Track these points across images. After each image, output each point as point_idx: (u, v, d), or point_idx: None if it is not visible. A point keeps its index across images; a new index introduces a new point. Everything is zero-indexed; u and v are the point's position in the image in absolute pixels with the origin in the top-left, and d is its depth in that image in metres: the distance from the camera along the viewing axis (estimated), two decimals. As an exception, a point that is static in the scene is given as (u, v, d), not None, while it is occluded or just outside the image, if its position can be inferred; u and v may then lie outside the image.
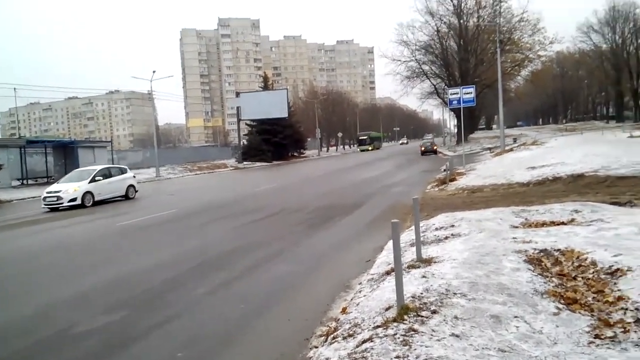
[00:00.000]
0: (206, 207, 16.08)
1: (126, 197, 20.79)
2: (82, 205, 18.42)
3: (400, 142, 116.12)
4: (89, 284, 7.14)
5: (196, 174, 43.05)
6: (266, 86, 66.47)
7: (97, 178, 19.45)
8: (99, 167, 21.05)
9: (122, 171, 21.76)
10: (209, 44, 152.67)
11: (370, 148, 75.27)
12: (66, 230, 13.60)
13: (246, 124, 61.75)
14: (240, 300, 5.94)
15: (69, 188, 18.61)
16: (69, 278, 7.72)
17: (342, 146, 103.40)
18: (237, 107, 58.93)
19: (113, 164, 40.04)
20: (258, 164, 53.09)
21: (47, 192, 18.78)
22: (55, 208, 18.30)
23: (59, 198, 18.26)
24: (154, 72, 44.02)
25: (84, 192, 18.69)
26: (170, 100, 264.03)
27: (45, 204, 18.48)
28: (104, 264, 8.50)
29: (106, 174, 20.30)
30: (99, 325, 5.36)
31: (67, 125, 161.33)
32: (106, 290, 6.77)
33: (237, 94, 63.32)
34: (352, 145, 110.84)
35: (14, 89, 55.70)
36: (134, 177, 22.31)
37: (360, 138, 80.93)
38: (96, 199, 19.18)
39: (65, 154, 34.97)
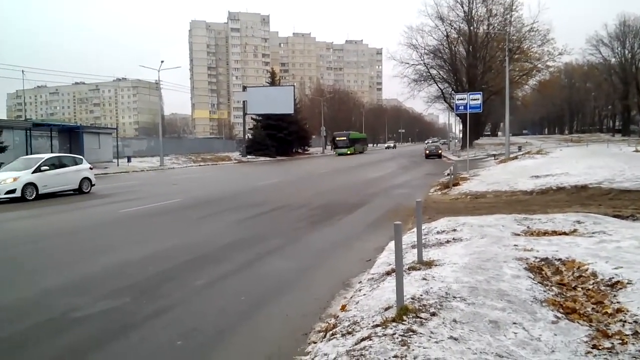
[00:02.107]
0: (208, 199, 16.12)
1: (79, 190, 18.56)
2: (22, 199, 16.19)
3: (387, 145, 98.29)
4: (85, 272, 7.18)
5: (200, 165, 43.13)
6: (273, 82, 66.54)
7: (42, 168, 17.15)
8: (47, 156, 18.89)
9: (77, 161, 19.30)
10: (218, 37, 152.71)
11: (348, 152, 61.45)
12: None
13: (252, 118, 61.89)
14: (238, 293, 5.96)
15: (7, 178, 16.34)
16: (67, 264, 7.77)
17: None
18: (244, 101, 59.11)
19: (118, 151, 40.37)
20: (262, 158, 53.22)
21: None
22: None
23: None
24: (162, 62, 44.20)
25: (25, 183, 16.42)
26: (177, 91, 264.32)
27: None
28: (105, 252, 8.55)
29: (55, 163, 18.06)
30: (97, 311, 5.40)
31: (73, 110, 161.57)
32: (105, 278, 6.81)
33: (244, 88, 63.51)
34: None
35: (22, 71, 55.76)
36: (91, 168, 19.96)
37: (337, 139, 64.21)
38: (41, 191, 16.91)
39: (71, 139, 35.15)
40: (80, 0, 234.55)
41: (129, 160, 41.38)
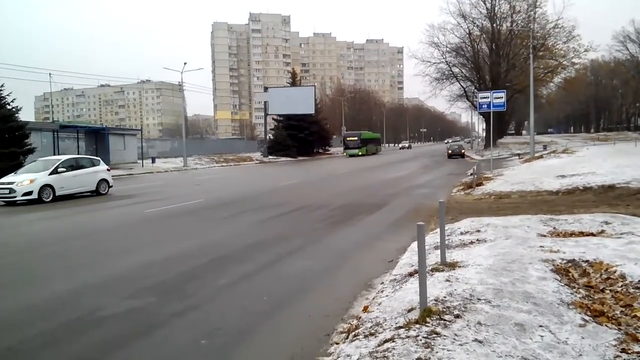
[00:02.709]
0: (231, 199, 16.27)
1: (97, 192, 18.45)
2: (39, 200, 16.18)
3: (401, 145, 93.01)
4: (111, 271, 7.33)
5: (222, 166, 43.56)
6: (294, 82, 66.81)
7: (59, 169, 17.15)
8: (64, 157, 18.75)
9: (94, 163, 19.24)
10: (239, 38, 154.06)
11: (360, 153, 57.82)
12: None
13: (273, 119, 62.20)
14: (260, 293, 5.99)
15: (24, 180, 16.31)
16: (93, 264, 7.94)
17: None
18: (265, 102, 59.49)
19: (142, 152, 41.06)
20: (283, 158, 53.44)
21: (0, 183, 16.56)
22: (11, 202, 16.03)
23: (11, 191, 15.99)
24: (185, 63, 44.87)
25: (42, 185, 16.38)
26: (200, 92, 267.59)
27: None
28: (130, 252, 8.71)
29: (73, 165, 18.08)
30: (123, 310, 5.50)
31: (99, 112, 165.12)
32: (130, 278, 6.94)
33: (266, 89, 63.83)
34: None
35: (49, 74, 57.44)
36: (109, 170, 19.82)
37: (347, 139, 60.88)
38: (58, 193, 16.86)
39: (97, 140, 35.95)
40: (105, 4, 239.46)
41: (153, 161, 42.05)
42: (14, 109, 26.53)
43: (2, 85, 26.40)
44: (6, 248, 9.25)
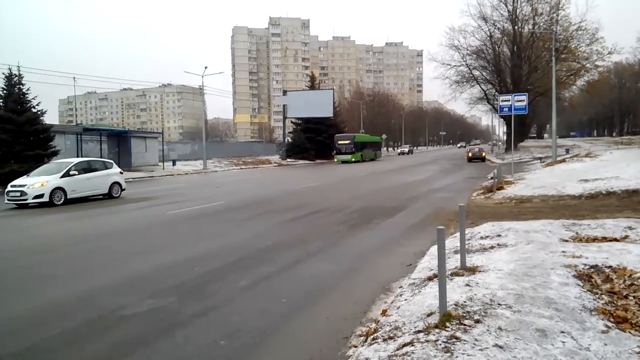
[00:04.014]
0: (250, 202, 16.38)
1: (109, 195, 18.39)
2: (50, 203, 16.13)
3: (400, 150, 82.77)
4: (133, 271, 7.45)
5: (241, 169, 43.89)
6: (313, 85, 66.97)
7: (71, 172, 17.10)
8: (76, 160, 18.70)
9: (107, 166, 19.16)
10: (259, 42, 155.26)
11: (353, 159, 49.42)
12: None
13: (291, 122, 62.46)
14: (280, 295, 6.03)
15: (36, 182, 16.27)
16: (115, 263, 8.08)
17: (385, 148, 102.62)
18: (284, 105, 59.78)
19: (163, 154, 41.61)
20: (301, 161, 53.62)
21: (11, 186, 16.49)
22: (22, 204, 16.07)
23: (22, 193, 15.99)
24: (205, 67, 45.40)
25: (54, 187, 16.34)
26: (220, 96, 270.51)
27: (9, 199, 16.28)
28: (152, 252, 8.85)
29: (85, 167, 17.97)
30: (144, 309, 5.60)
31: (121, 115, 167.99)
32: (152, 278, 7.05)
33: (284, 92, 64.23)
34: (395, 148, 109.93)
35: (74, 78, 58.61)
36: (121, 173, 19.69)
37: (338, 142, 51.25)
38: (70, 196, 16.80)
39: (119, 143, 36.52)
40: (129, 10, 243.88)
41: (173, 164, 42.57)
42: (39, 112, 27.20)
43: (28, 89, 27.09)
44: (23, 250, 9.41)
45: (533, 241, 7.00)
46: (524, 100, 22.15)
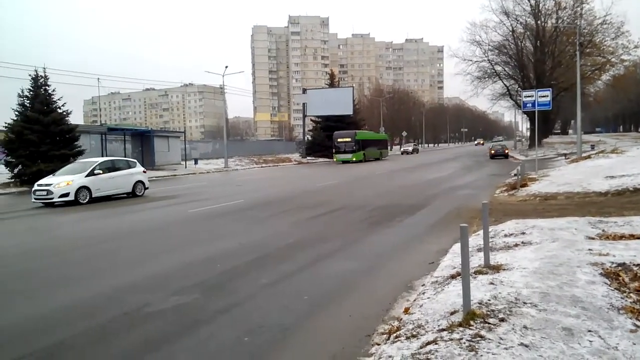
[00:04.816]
0: (271, 200, 16.47)
1: (133, 194, 18.73)
2: (76, 202, 16.46)
3: (403, 149, 71.89)
4: (157, 269, 7.57)
5: (262, 167, 44.14)
6: (332, 83, 66.90)
7: (96, 171, 17.44)
8: (100, 159, 19.09)
9: (130, 165, 19.56)
10: (278, 40, 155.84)
11: (354, 159, 45.11)
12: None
13: (311, 120, 62.49)
14: (301, 292, 6.06)
15: (62, 181, 16.62)
16: (145, 260, 8.22)
17: (399, 146, 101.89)
18: (303, 103, 59.87)
19: (185, 153, 42.13)
20: (321, 159, 53.65)
21: (38, 185, 16.82)
22: (49, 203, 16.44)
23: (49, 192, 16.30)
24: (226, 67, 45.90)
25: (79, 186, 16.68)
26: (240, 95, 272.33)
27: (36, 198, 16.59)
28: (175, 250, 8.97)
29: (109, 167, 18.36)
30: (169, 306, 5.68)
31: (144, 115, 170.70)
32: (176, 275, 7.15)
33: (304, 90, 64.31)
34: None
35: (98, 79, 59.82)
36: (144, 172, 20.00)
37: (337, 140, 46.86)
38: (94, 195, 17.14)
39: (142, 142, 37.12)
40: (150, 11, 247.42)
41: (195, 163, 43.07)
42: (64, 113, 27.78)
43: (53, 90, 27.69)
44: (50, 249, 9.63)
45: (558, 239, 6.88)
46: (547, 96, 21.73)
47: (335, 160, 46.89)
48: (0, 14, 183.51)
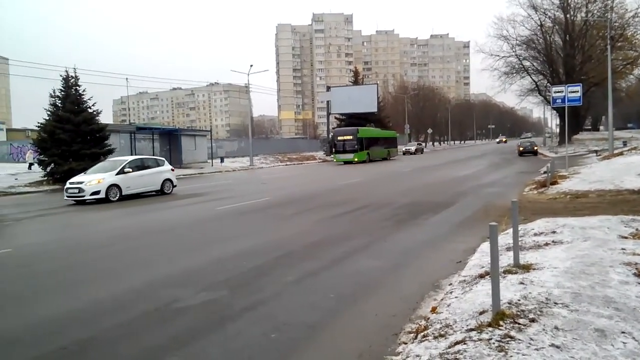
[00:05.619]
0: (295, 198, 16.55)
1: (161, 192, 19.06)
2: (106, 199, 16.91)
3: (404, 149, 61.11)
4: (185, 265, 7.70)
5: (286, 165, 44.35)
6: (356, 81, 66.74)
7: (126, 170, 17.81)
8: (130, 158, 19.52)
9: (159, 163, 19.92)
10: (302, 38, 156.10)
11: (356, 159, 40.86)
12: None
13: (335, 118, 62.48)
14: (327, 290, 6.07)
15: (93, 179, 17.04)
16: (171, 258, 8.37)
17: (431, 143, 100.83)
18: (327, 101, 59.92)
19: (212, 152, 42.67)
20: (345, 157, 53.39)
21: (70, 183, 17.27)
22: (80, 201, 16.85)
23: (80, 190, 16.72)
24: (251, 66, 46.25)
25: (109, 184, 17.07)
26: (265, 93, 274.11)
27: (68, 196, 17.06)
28: (203, 247, 9.11)
29: (139, 165, 18.75)
30: (197, 302, 5.78)
31: (171, 114, 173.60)
32: (204, 272, 7.27)
33: (328, 88, 64.35)
34: (442, 142, 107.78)
35: (126, 79, 61.53)
36: (172, 170, 20.26)
37: (337, 138, 43.39)
38: (124, 192, 17.51)
39: (170, 141, 37.80)
40: (176, 12, 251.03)
41: (221, 161, 43.60)
42: (94, 112, 28.40)
43: (84, 90, 28.35)
44: (83, 245, 9.90)
45: (590, 238, 6.72)
46: (578, 91, 21.19)
47: (335, 160, 43.07)
48: (42, 16, 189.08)
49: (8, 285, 6.94)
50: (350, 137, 42.04)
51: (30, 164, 31.71)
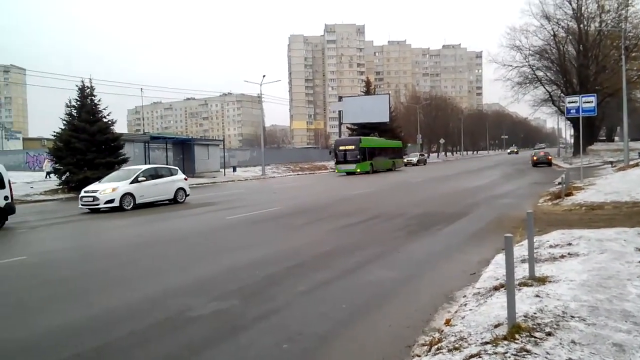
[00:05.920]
0: (307, 207, 16.54)
1: (174, 200, 19.18)
2: (120, 208, 17.05)
3: (406, 159, 56.46)
4: (197, 274, 7.72)
5: (298, 174, 44.45)
6: (368, 91, 66.86)
7: (140, 179, 18.02)
8: (144, 167, 19.73)
9: (172, 172, 20.10)
10: (314, 49, 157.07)
11: (358, 170, 39.24)
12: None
13: (347, 128, 62.59)
14: (339, 300, 6.02)
15: (107, 188, 17.23)
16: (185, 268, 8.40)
17: (444, 153, 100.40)
18: (339, 111, 60.11)
19: (224, 161, 42.93)
20: (357, 167, 53.32)
21: (84, 192, 17.47)
22: (95, 209, 16.98)
23: (95, 199, 16.87)
24: (263, 76, 46.60)
25: (123, 193, 17.23)
26: (277, 103, 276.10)
27: (82, 204, 17.20)
28: (214, 256, 9.14)
29: (152, 174, 18.94)
30: (209, 312, 5.78)
31: (185, 124, 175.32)
32: (216, 281, 7.27)
33: (340, 98, 64.52)
34: (454, 152, 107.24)
35: (141, 89, 62.02)
36: (186, 179, 20.49)
37: (339, 148, 41.16)
38: (138, 201, 17.67)
39: (183, 150, 38.13)
40: (190, 22, 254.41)
41: (234, 170, 43.84)
42: (109, 122, 28.79)
43: (99, 100, 28.75)
44: (97, 253, 10.00)
45: (607, 250, 6.61)
46: (592, 102, 20.98)
47: (336, 171, 41.73)
48: (62, 30, 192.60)
49: (23, 293, 7.01)
50: (352, 147, 40.31)
51: (48, 173, 32.14)
